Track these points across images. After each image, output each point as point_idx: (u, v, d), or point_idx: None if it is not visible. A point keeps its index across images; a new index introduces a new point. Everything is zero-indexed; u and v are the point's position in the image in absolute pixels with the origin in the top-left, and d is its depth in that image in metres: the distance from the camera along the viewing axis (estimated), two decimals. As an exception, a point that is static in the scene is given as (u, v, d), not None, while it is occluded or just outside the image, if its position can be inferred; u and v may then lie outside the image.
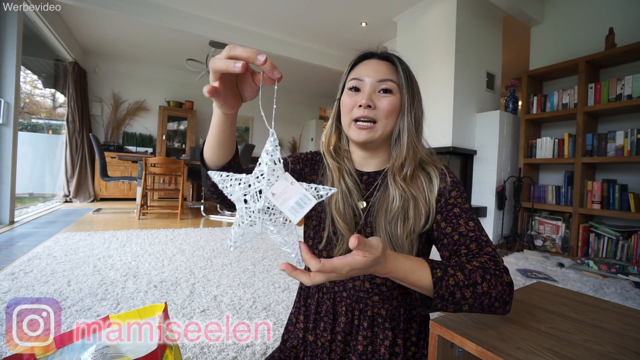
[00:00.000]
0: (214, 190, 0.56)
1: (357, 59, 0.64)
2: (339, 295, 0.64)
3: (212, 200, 0.60)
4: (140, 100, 5.57)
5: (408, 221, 0.58)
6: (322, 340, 0.63)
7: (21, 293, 1.38)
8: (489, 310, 0.47)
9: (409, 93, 0.60)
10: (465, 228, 0.54)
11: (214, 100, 0.44)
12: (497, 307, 0.47)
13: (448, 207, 0.57)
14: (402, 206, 0.58)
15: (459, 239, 0.54)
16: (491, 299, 0.46)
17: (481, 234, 0.54)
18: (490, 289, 0.46)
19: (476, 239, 0.53)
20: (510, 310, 0.49)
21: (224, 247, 0.43)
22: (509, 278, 0.49)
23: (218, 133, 0.50)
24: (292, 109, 7.20)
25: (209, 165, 0.53)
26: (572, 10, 3.03)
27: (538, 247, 2.89)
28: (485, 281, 0.46)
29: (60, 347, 0.51)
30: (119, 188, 5.02)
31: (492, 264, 0.49)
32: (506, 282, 0.48)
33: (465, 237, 0.53)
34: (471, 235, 0.53)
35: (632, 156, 2.38)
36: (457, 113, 2.96)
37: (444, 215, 0.57)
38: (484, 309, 0.47)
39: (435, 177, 0.60)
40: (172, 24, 3.68)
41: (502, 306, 0.47)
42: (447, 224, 0.56)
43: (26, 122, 4.25)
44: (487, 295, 0.46)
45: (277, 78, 0.40)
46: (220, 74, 0.41)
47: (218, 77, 0.41)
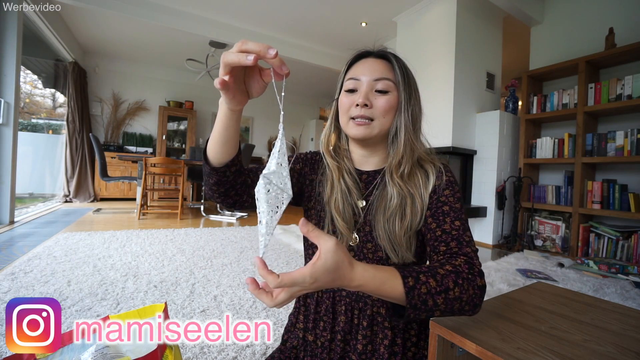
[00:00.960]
0: (216, 189, 0.56)
1: (353, 58, 0.64)
2: (339, 294, 0.64)
3: (212, 200, 0.60)
4: (140, 100, 5.57)
5: (405, 218, 0.58)
6: (322, 340, 0.63)
7: (21, 293, 1.38)
8: (459, 313, 0.48)
9: (406, 90, 0.60)
10: (449, 226, 0.55)
11: (222, 94, 0.45)
12: (466, 310, 0.48)
13: (438, 205, 0.58)
14: (399, 204, 0.58)
15: (440, 235, 0.54)
16: (462, 303, 0.46)
17: (464, 233, 0.54)
18: (461, 294, 0.46)
19: (457, 237, 0.53)
20: (479, 311, 0.50)
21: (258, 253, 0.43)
22: (483, 281, 0.49)
23: (223, 130, 0.50)
24: (292, 109, 7.20)
25: (212, 162, 0.54)
26: (572, 10, 3.03)
27: (538, 247, 2.89)
28: (457, 286, 0.46)
29: (60, 347, 0.51)
30: (119, 188, 5.02)
31: (466, 267, 0.49)
32: (478, 286, 0.48)
33: (447, 235, 0.54)
34: (454, 234, 0.54)
35: (632, 156, 2.38)
36: (457, 113, 2.96)
37: (433, 212, 0.58)
38: (454, 312, 0.47)
39: (432, 175, 0.60)
40: (172, 24, 3.68)
41: (472, 309, 0.48)
42: (433, 220, 0.57)
43: (26, 122, 4.25)
44: (458, 300, 0.46)
45: (285, 73, 0.42)
46: (230, 67, 0.42)
47: (229, 70, 0.42)
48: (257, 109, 6.77)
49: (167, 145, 5.63)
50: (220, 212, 4.12)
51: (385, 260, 0.59)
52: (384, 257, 0.60)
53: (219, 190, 0.56)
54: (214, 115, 6.29)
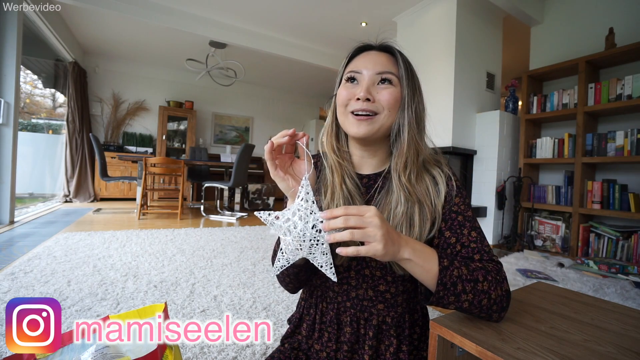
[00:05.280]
0: (291, 287, 0.65)
1: (354, 51, 0.61)
2: (343, 305, 0.61)
3: (285, 287, 0.67)
4: (140, 100, 5.57)
5: (414, 228, 0.55)
6: (328, 351, 0.62)
7: (21, 293, 1.38)
8: (487, 311, 0.48)
9: (410, 86, 0.57)
10: (467, 239, 0.54)
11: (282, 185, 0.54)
12: (494, 310, 0.48)
13: (452, 215, 0.56)
14: (406, 211, 0.55)
15: (460, 250, 0.54)
16: (490, 300, 0.47)
17: (483, 244, 0.54)
18: (489, 290, 0.47)
19: (479, 251, 0.53)
20: (503, 317, 0.51)
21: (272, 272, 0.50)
22: (508, 286, 0.50)
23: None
24: (292, 109, 7.20)
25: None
26: (572, 10, 3.03)
27: (538, 247, 2.89)
28: (486, 281, 0.48)
29: (60, 347, 0.51)
30: (119, 188, 5.02)
31: (494, 270, 0.50)
32: (505, 289, 0.49)
33: (467, 249, 0.54)
34: (473, 247, 0.53)
35: (632, 156, 2.38)
36: (457, 113, 2.96)
37: (448, 225, 0.56)
38: (482, 309, 0.47)
39: (442, 182, 0.57)
40: (172, 24, 3.68)
41: (499, 311, 0.48)
42: (452, 234, 0.55)
43: (26, 122, 4.25)
44: (486, 294, 0.47)
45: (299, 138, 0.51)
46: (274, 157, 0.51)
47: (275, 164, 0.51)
48: (257, 109, 6.78)
49: (167, 145, 5.63)
50: (220, 212, 4.12)
51: (389, 268, 0.58)
52: (387, 266, 0.57)
53: (295, 287, 0.65)
54: (214, 115, 6.30)
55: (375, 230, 0.42)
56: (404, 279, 0.59)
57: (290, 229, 0.45)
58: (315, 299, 0.65)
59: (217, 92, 6.20)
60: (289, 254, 0.47)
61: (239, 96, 6.52)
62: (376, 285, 0.59)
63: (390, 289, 0.59)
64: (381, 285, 0.59)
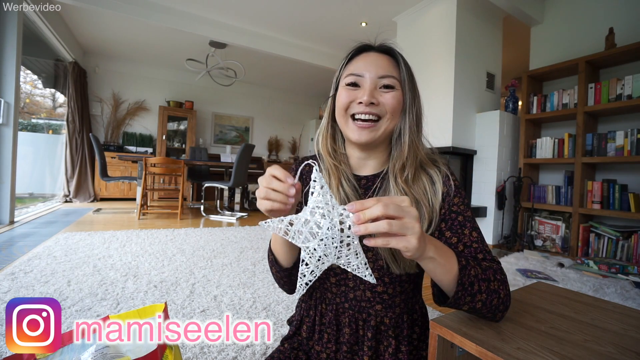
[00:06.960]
0: (287, 287, 0.64)
1: (354, 51, 0.59)
2: (341, 306, 0.62)
3: (282, 288, 0.67)
4: (140, 100, 5.57)
5: None
6: (328, 352, 0.62)
7: (21, 293, 1.38)
8: (494, 311, 0.48)
9: (411, 90, 0.57)
10: (469, 239, 0.54)
11: None
12: (500, 310, 0.49)
13: (452, 216, 0.56)
14: None
15: (463, 250, 0.54)
16: (499, 300, 0.48)
17: (484, 245, 0.55)
18: (499, 288, 0.48)
19: (481, 251, 0.54)
20: (503, 317, 0.51)
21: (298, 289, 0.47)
22: (509, 287, 0.51)
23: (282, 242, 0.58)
24: (292, 109, 7.21)
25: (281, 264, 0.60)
26: (572, 10, 3.03)
27: (538, 247, 2.89)
28: (496, 280, 0.48)
29: (60, 347, 0.51)
30: (119, 188, 5.02)
31: (499, 270, 0.51)
32: (508, 289, 0.50)
33: (469, 249, 0.54)
34: (475, 247, 0.54)
35: (632, 156, 2.38)
36: (457, 113, 2.96)
37: (449, 225, 0.55)
38: (491, 309, 0.48)
39: (438, 181, 0.57)
40: (172, 24, 3.68)
41: (503, 310, 0.49)
42: (453, 234, 0.55)
43: (26, 122, 4.25)
44: (497, 293, 0.47)
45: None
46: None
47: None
48: (257, 108, 6.78)
49: (167, 145, 5.63)
50: (220, 212, 4.12)
51: (386, 269, 0.57)
52: (384, 267, 0.57)
53: (291, 288, 0.64)
54: (214, 115, 6.30)
55: (413, 222, 0.38)
56: (401, 280, 0.59)
57: (314, 232, 0.38)
58: (315, 301, 0.65)
59: (217, 92, 6.20)
60: (314, 264, 0.39)
61: (239, 96, 6.52)
62: (374, 286, 0.59)
63: (388, 289, 0.59)
64: (379, 287, 0.59)
